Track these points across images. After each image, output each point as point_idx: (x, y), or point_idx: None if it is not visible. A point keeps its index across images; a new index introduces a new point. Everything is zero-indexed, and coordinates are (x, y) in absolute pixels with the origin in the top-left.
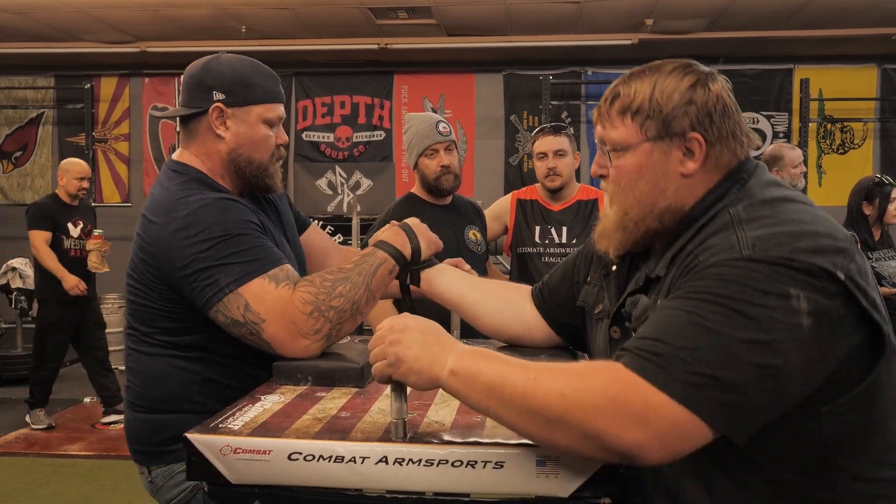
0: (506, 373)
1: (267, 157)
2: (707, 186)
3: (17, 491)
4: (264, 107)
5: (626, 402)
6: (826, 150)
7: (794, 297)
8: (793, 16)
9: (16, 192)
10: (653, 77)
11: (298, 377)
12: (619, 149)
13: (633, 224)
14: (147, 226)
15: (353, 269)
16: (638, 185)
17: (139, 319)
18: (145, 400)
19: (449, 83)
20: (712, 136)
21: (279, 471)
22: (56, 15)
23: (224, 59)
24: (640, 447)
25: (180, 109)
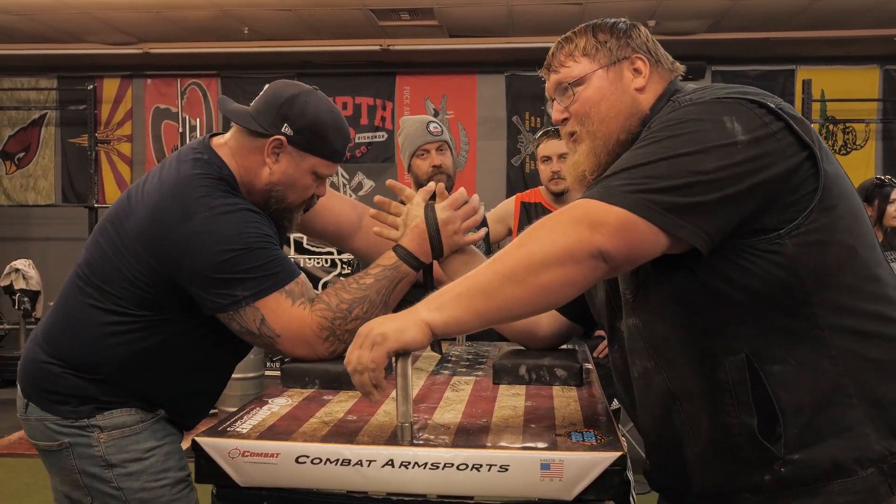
0: (473, 276)
1: (299, 202)
2: (657, 94)
3: (20, 491)
4: (322, 161)
5: (579, 217)
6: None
7: (727, 122)
8: (795, 17)
9: (18, 193)
10: (587, 28)
11: (306, 380)
12: (579, 82)
13: (602, 144)
14: (157, 213)
15: (373, 285)
16: (601, 106)
17: (100, 278)
18: (64, 354)
19: (451, 84)
20: (652, 59)
21: (287, 474)
22: (59, 16)
23: (312, 102)
24: (604, 245)
25: (247, 118)
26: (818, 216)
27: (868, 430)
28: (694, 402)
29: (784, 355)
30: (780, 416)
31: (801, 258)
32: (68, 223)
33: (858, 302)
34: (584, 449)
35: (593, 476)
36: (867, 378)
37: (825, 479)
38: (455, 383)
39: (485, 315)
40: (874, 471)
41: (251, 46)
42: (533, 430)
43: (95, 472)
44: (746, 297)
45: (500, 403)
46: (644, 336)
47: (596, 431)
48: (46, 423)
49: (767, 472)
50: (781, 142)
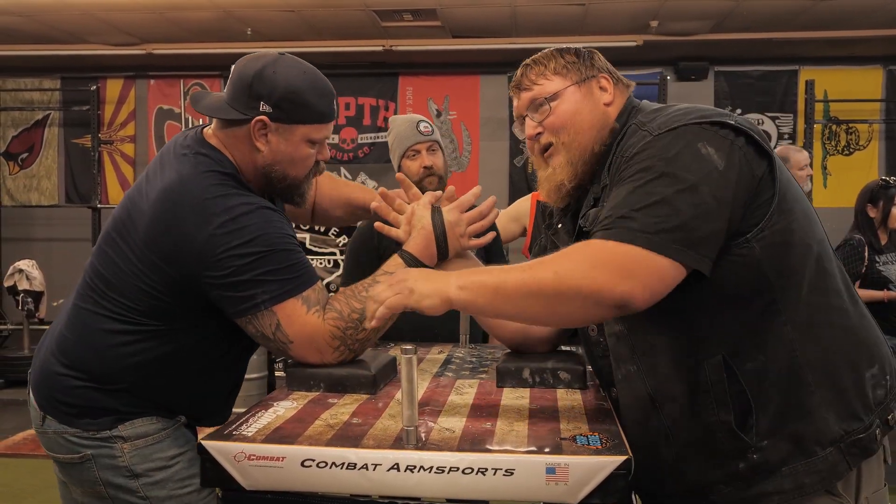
0: (504, 274)
1: (303, 175)
2: (619, 108)
3: (24, 492)
4: (311, 127)
5: (609, 261)
6: (831, 151)
7: (701, 148)
8: (798, 17)
9: (22, 193)
10: (552, 53)
11: (311, 384)
12: (554, 97)
13: (578, 155)
14: (170, 219)
15: None
16: (576, 119)
17: (112, 288)
18: (81, 366)
19: (454, 85)
20: (614, 78)
21: (292, 477)
22: (61, 17)
23: (281, 70)
24: (631, 294)
25: (223, 108)
26: (778, 219)
27: (826, 414)
28: (674, 404)
29: (756, 353)
30: (753, 409)
31: (767, 259)
32: (72, 224)
33: (814, 295)
34: (589, 453)
35: (599, 479)
36: (822, 365)
37: (791, 461)
38: (459, 386)
39: (501, 313)
40: (833, 450)
41: (254, 47)
42: (538, 433)
43: (121, 482)
44: (721, 299)
45: (504, 407)
46: (629, 342)
47: (601, 435)
48: (66, 436)
49: (741, 460)
50: (747, 155)
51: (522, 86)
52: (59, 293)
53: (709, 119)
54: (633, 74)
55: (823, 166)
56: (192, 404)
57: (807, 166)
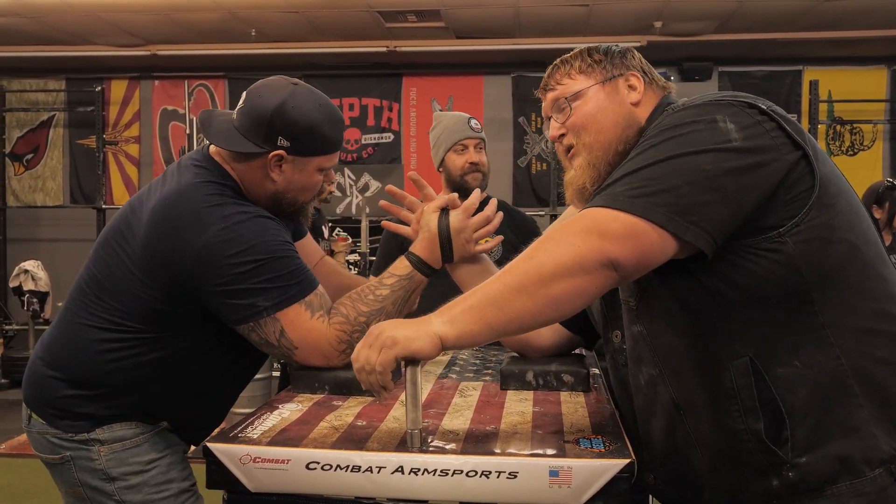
0: (483, 288)
1: (309, 199)
2: (650, 109)
3: (29, 492)
4: (324, 157)
5: (587, 226)
6: (835, 151)
7: (720, 121)
8: (802, 17)
9: (27, 194)
10: (581, 52)
11: (316, 386)
12: (576, 97)
13: (601, 155)
14: (166, 226)
15: (389, 296)
16: (598, 118)
17: (106, 294)
18: (66, 367)
19: (457, 85)
20: (647, 78)
21: (297, 480)
22: (67, 18)
23: (300, 104)
24: (614, 253)
25: (239, 140)
26: (817, 213)
27: (876, 431)
28: (698, 412)
29: (789, 357)
30: (787, 420)
31: (803, 257)
32: (77, 224)
33: (862, 300)
34: (592, 456)
35: (602, 483)
36: (873, 377)
37: (833, 482)
38: (463, 389)
39: (496, 327)
40: (882, 471)
41: (258, 48)
42: (541, 436)
43: (97, 485)
44: (749, 298)
45: (508, 409)
46: (649, 343)
47: (604, 438)
48: (48, 437)
49: (776, 477)
50: (776, 140)
51: (548, 86)
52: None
53: (739, 98)
54: None
55: None
56: (179, 416)
57: None
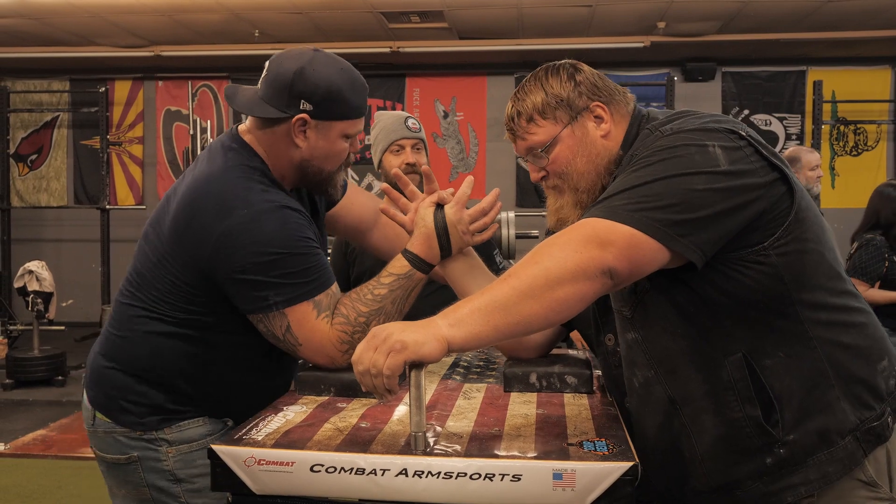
0: (489, 292)
1: (336, 168)
2: (623, 131)
3: (35, 493)
4: (347, 122)
5: (589, 235)
6: (839, 152)
7: (710, 147)
8: (806, 18)
9: (31, 194)
10: (536, 84)
11: (321, 388)
12: (549, 146)
13: (586, 195)
14: (192, 208)
15: (388, 296)
16: (576, 162)
17: (146, 282)
18: (122, 359)
19: (461, 86)
20: (607, 98)
21: (302, 482)
22: (71, 20)
23: (320, 68)
24: (612, 262)
25: (263, 107)
26: (794, 228)
27: (845, 405)
28: (695, 404)
29: (774, 350)
30: (776, 404)
31: (784, 266)
32: (80, 225)
33: (829, 298)
34: (596, 458)
35: (606, 485)
36: (842, 360)
37: (813, 453)
38: (467, 390)
39: (503, 330)
40: (850, 438)
41: (261, 49)
42: (545, 439)
43: (164, 486)
44: (739, 303)
45: (511, 412)
46: (644, 349)
47: (608, 441)
48: (115, 436)
49: (769, 455)
50: (754, 164)
51: (516, 133)
52: (69, 294)
53: (722, 124)
54: (640, 75)
55: (832, 167)
56: (233, 403)
57: (818, 167)
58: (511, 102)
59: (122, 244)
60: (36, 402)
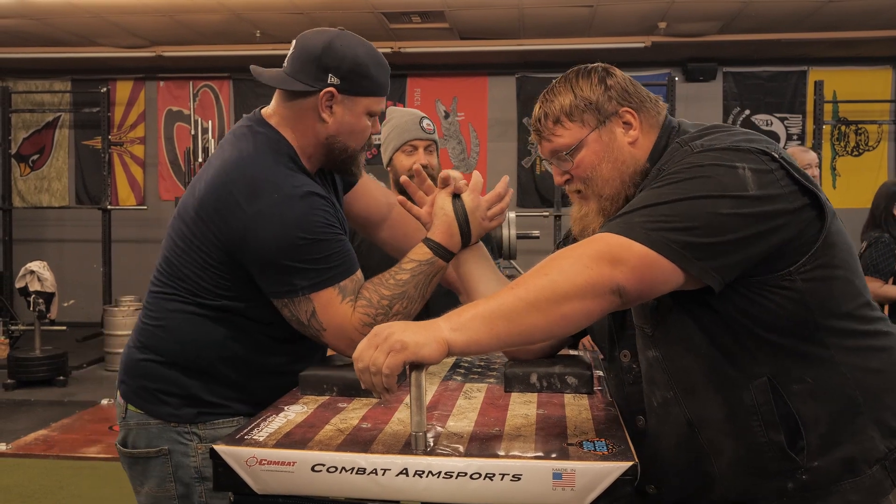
0: (495, 299)
1: (360, 146)
2: (652, 141)
3: (36, 493)
4: (372, 99)
5: (601, 251)
6: (840, 152)
7: (739, 168)
8: (807, 18)
9: (33, 195)
10: (566, 86)
11: (324, 388)
12: (574, 149)
13: (609, 203)
14: (222, 190)
15: (410, 280)
16: (602, 168)
17: (175, 269)
18: (159, 348)
19: (462, 86)
20: (637, 105)
21: (303, 482)
22: (73, 20)
23: (347, 42)
24: (622, 281)
25: (288, 80)
26: (822, 254)
27: (873, 433)
28: (714, 427)
29: (801, 375)
30: (803, 429)
31: (810, 292)
32: (82, 225)
33: (857, 323)
34: (595, 458)
35: (605, 485)
36: (870, 387)
37: (838, 480)
38: (467, 390)
39: (505, 339)
40: (878, 468)
41: (263, 49)
42: (545, 439)
43: (188, 481)
44: (764, 328)
45: (512, 412)
46: (665, 367)
47: (607, 441)
48: (148, 428)
49: (790, 480)
50: (785, 189)
51: (542, 135)
52: (70, 294)
53: (754, 144)
54: (640, 76)
55: (833, 167)
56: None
57: (811, 166)
58: (539, 103)
59: (123, 244)
60: (37, 402)
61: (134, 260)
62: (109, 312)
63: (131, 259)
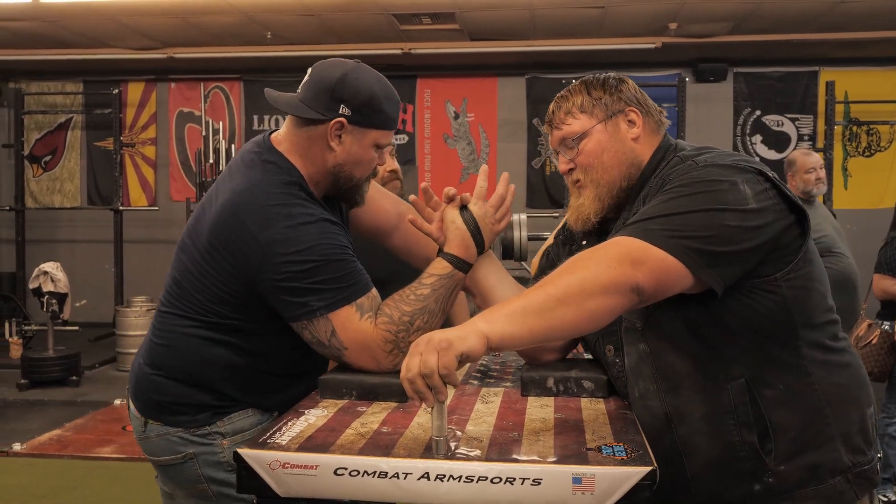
0: (526, 297)
1: (365, 176)
2: (653, 146)
3: (51, 493)
4: (381, 132)
5: (624, 253)
6: (852, 152)
7: (740, 184)
8: (818, 18)
9: (45, 195)
10: (581, 87)
11: (343, 392)
12: (581, 137)
13: (606, 191)
14: (233, 219)
15: (431, 295)
16: (603, 158)
17: (185, 291)
18: (167, 366)
19: (472, 87)
20: (643, 110)
21: (325, 485)
22: (86, 22)
23: (362, 76)
24: (640, 280)
25: (302, 107)
26: (803, 265)
27: (840, 446)
28: (691, 425)
29: (775, 381)
30: (772, 434)
31: (792, 299)
32: (94, 225)
33: (827, 339)
34: (614, 463)
35: (624, 490)
36: (838, 401)
37: (802, 486)
38: (484, 395)
39: (537, 333)
40: (841, 479)
41: (273, 50)
42: (563, 443)
43: (223, 477)
44: (748, 328)
45: (529, 416)
46: (652, 361)
47: (626, 445)
48: (169, 437)
49: (757, 482)
50: (777, 206)
51: (553, 124)
52: (83, 294)
53: (752, 165)
54: (651, 76)
55: (844, 168)
56: (278, 399)
57: (815, 169)
58: (555, 100)
59: (134, 245)
60: (51, 402)
61: (145, 260)
62: (121, 313)
63: (142, 259)
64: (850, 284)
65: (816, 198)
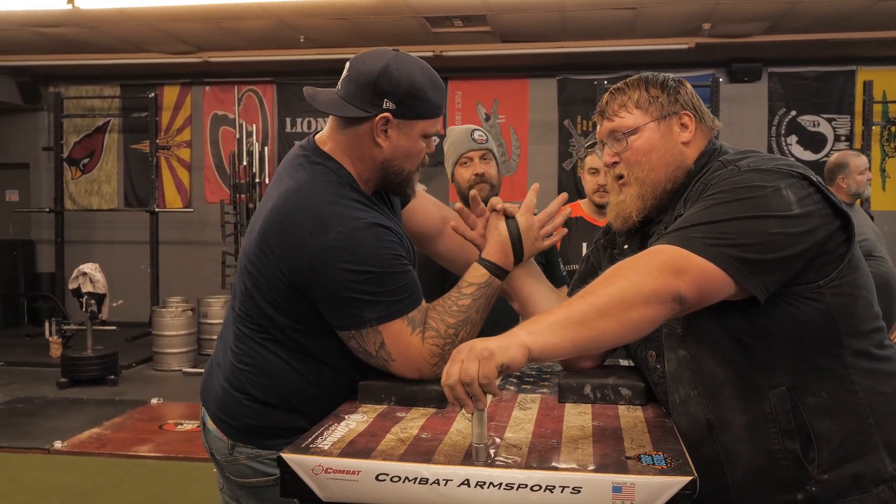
0: (568, 307)
1: (415, 168)
2: (700, 149)
3: (92, 490)
4: (428, 122)
5: (666, 263)
6: (890, 153)
7: (783, 189)
8: (855, 17)
9: (83, 197)
10: (640, 82)
11: (382, 397)
12: (632, 132)
13: (650, 191)
14: (283, 223)
15: (472, 305)
16: (651, 157)
17: (254, 310)
18: (250, 387)
19: (503, 89)
20: (698, 115)
21: (367, 490)
22: (124, 28)
23: (403, 66)
24: (683, 290)
25: (344, 106)
26: (848, 272)
27: (883, 455)
28: (732, 433)
29: (818, 389)
30: (815, 442)
31: (836, 307)
32: (130, 227)
33: (872, 347)
34: (654, 472)
35: (664, 499)
36: (883, 410)
37: (845, 496)
38: (522, 401)
39: (578, 344)
40: (885, 488)
41: (306, 54)
42: (603, 451)
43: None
44: (790, 336)
45: (567, 423)
46: (692, 367)
47: (665, 454)
48: (261, 460)
49: (800, 491)
50: (822, 210)
51: (605, 114)
52: (119, 294)
53: (796, 169)
54: (684, 76)
55: (882, 169)
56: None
57: (867, 171)
58: (609, 91)
59: (170, 246)
60: (90, 400)
61: (179, 261)
62: (157, 313)
63: (176, 260)
64: (890, 288)
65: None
